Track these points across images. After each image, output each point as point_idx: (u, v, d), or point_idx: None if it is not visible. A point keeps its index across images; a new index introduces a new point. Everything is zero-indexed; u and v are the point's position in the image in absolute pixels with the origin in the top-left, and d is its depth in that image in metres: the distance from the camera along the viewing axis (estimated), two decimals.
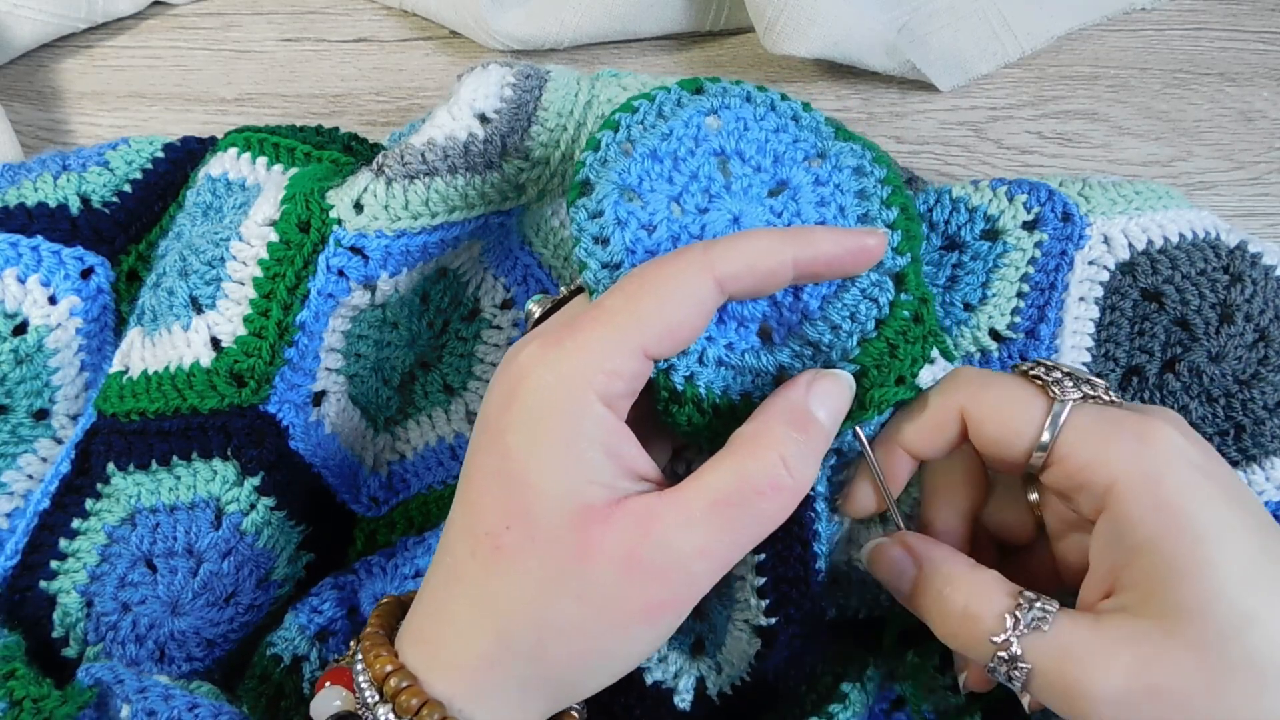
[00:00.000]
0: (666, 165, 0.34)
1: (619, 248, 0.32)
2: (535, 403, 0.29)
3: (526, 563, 0.29)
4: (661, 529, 0.29)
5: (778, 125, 0.35)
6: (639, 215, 0.33)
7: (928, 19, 0.57)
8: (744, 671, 0.36)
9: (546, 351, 0.30)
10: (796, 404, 0.31)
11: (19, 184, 0.46)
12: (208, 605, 0.39)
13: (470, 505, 0.31)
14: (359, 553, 0.43)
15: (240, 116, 0.56)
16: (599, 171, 0.34)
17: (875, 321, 0.34)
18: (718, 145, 0.34)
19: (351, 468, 0.44)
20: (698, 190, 0.33)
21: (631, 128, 0.35)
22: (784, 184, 0.34)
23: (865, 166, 0.35)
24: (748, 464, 0.30)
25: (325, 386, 0.42)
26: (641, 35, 0.58)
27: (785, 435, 0.30)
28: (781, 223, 0.34)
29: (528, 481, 0.29)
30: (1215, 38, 0.58)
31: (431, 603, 0.31)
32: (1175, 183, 0.54)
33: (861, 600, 0.40)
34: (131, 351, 0.41)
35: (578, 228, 0.33)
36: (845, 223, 0.34)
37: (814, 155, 0.35)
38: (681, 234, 0.33)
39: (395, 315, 0.43)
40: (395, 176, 0.39)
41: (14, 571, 0.40)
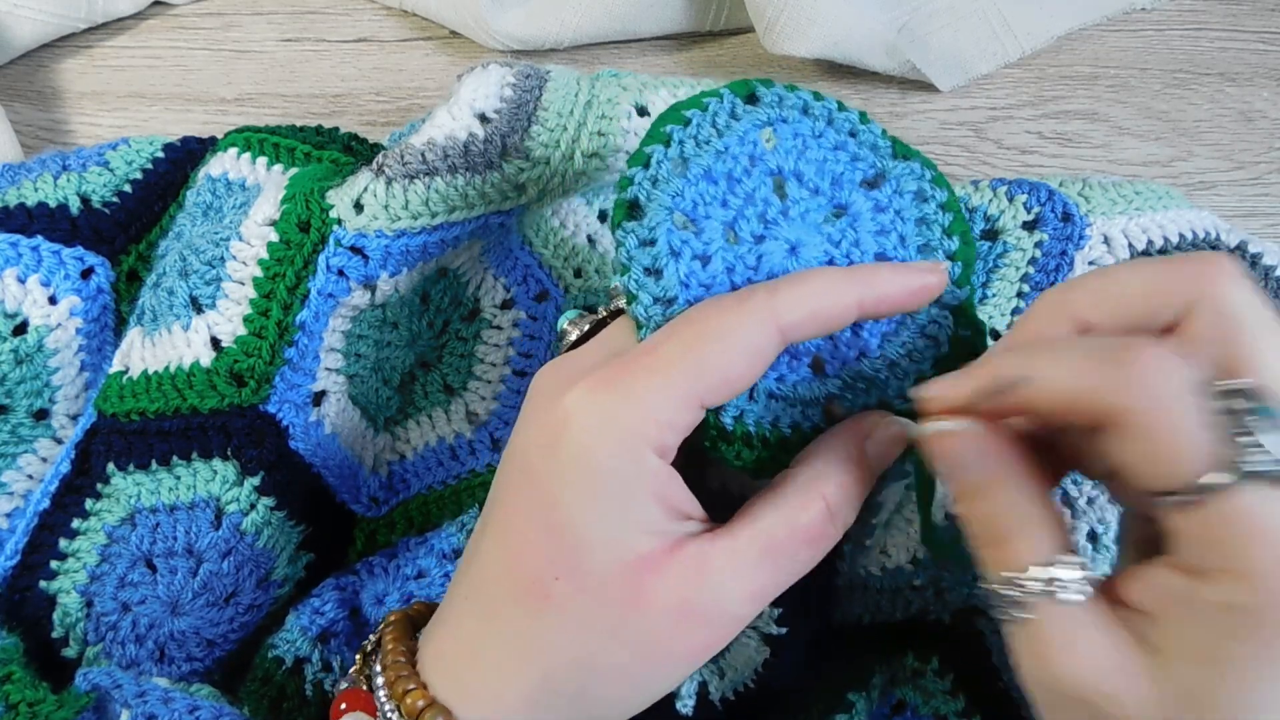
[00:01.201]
0: (721, 187, 0.32)
1: (673, 282, 0.30)
2: (587, 454, 0.28)
3: (577, 613, 0.29)
4: (715, 575, 0.29)
5: (836, 142, 0.33)
6: (693, 245, 0.31)
7: (928, 19, 0.57)
8: (748, 678, 0.36)
9: (597, 396, 0.28)
10: (854, 455, 0.31)
11: (19, 184, 0.46)
12: (207, 605, 0.39)
13: (512, 551, 0.30)
14: (359, 553, 0.43)
15: (240, 116, 0.56)
16: (649, 192, 0.31)
17: (933, 361, 0.32)
18: (774, 165, 0.32)
19: (351, 468, 0.44)
20: (754, 216, 0.32)
21: (685, 143, 0.32)
22: (842, 209, 0.33)
23: (926, 190, 0.33)
24: (798, 511, 0.30)
25: (325, 386, 0.42)
26: (641, 35, 0.58)
27: (836, 486, 0.30)
28: (840, 252, 0.32)
29: (579, 535, 0.28)
30: (1215, 38, 0.58)
31: (464, 638, 0.31)
32: (1175, 183, 0.54)
33: (865, 607, 0.40)
34: (131, 351, 0.41)
35: (627, 255, 0.31)
36: (905, 253, 0.33)
37: (873, 176, 0.33)
38: (737, 264, 0.31)
39: (395, 315, 0.43)
40: (395, 176, 0.39)
41: (14, 571, 0.40)
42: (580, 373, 0.29)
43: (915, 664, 0.39)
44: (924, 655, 0.40)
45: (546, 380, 0.30)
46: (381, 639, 0.32)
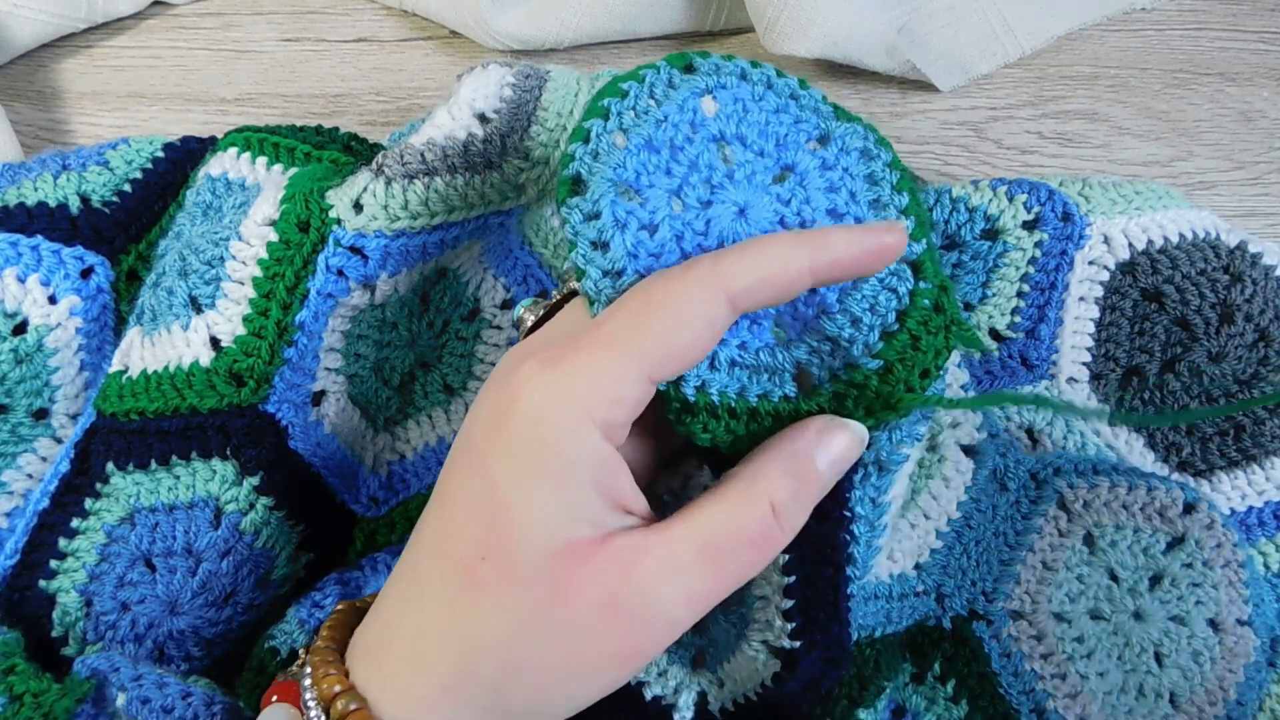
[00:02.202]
0: (664, 156, 0.31)
1: (620, 253, 0.30)
2: (528, 431, 0.27)
3: (500, 598, 0.27)
4: (646, 572, 0.28)
5: (778, 105, 0.33)
6: (638, 215, 0.30)
7: (928, 19, 0.57)
8: (751, 690, 0.35)
9: (543, 373, 0.28)
10: (800, 452, 0.30)
11: (19, 184, 0.47)
12: (206, 605, 0.39)
13: (445, 527, 0.29)
14: (359, 553, 0.43)
15: (240, 116, 0.56)
16: (591, 166, 0.31)
17: (896, 313, 0.32)
18: (716, 130, 0.32)
19: (351, 468, 0.44)
20: (699, 181, 0.31)
21: (623, 115, 0.32)
22: (789, 169, 0.32)
23: (871, 149, 0.33)
24: (740, 511, 0.29)
25: (325, 386, 0.42)
26: (641, 35, 0.58)
27: (781, 484, 0.29)
28: (790, 211, 0.32)
29: (511, 514, 0.27)
30: (1215, 38, 0.58)
31: (390, 621, 0.30)
32: (1175, 183, 0.54)
33: (877, 618, 0.40)
34: (131, 351, 0.41)
35: (572, 230, 0.31)
36: (857, 208, 0.32)
37: (817, 138, 0.33)
38: (685, 231, 0.31)
39: (395, 315, 0.43)
40: (395, 176, 0.39)
41: (14, 571, 0.40)
42: (529, 349, 0.29)
43: (915, 670, 0.39)
44: (924, 661, 0.40)
45: (501, 364, 0.30)
46: (320, 629, 0.32)
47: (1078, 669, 0.38)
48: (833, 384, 0.32)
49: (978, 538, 0.40)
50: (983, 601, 0.40)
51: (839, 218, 0.32)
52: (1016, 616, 0.39)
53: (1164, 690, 0.38)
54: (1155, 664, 0.38)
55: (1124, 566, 0.38)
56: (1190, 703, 0.38)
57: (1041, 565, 0.39)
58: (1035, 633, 0.39)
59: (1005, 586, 0.40)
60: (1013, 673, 0.39)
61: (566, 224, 0.31)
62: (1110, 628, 0.38)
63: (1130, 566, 0.38)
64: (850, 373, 0.31)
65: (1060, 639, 0.38)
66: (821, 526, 0.33)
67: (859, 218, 0.32)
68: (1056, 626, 0.39)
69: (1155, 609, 0.38)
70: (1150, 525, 0.38)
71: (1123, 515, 0.38)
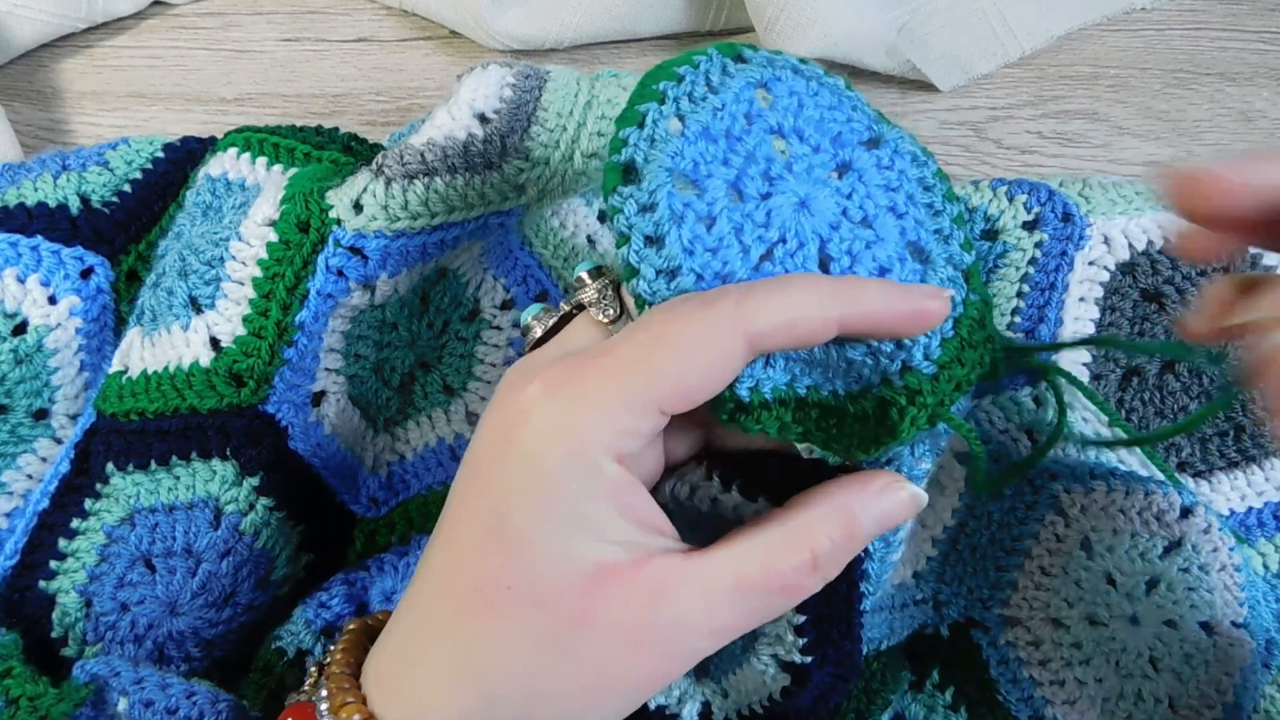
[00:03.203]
0: (721, 145, 0.30)
1: (676, 250, 0.28)
2: (537, 459, 0.27)
3: (523, 626, 0.27)
4: (679, 602, 0.27)
5: (831, 102, 0.31)
6: (696, 207, 0.29)
7: (928, 19, 0.57)
8: (757, 702, 0.35)
9: (552, 398, 0.27)
10: (855, 509, 0.29)
11: (19, 184, 0.47)
12: (206, 605, 0.39)
13: (460, 556, 0.28)
14: (359, 553, 0.43)
15: (240, 116, 0.56)
16: (647, 153, 0.29)
17: (952, 320, 0.30)
18: (774, 122, 0.30)
19: (351, 468, 0.44)
20: (757, 173, 0.30)
21: (679, 100, 0.30)
22: (846, 166, 0.31)
23: (920, 156, 0.32)
24: (780, 555, 0.28)
25: (325, 387, 0.42)
26: (641, 35, 0.58)
27: (827, 536, 0.28)
28: (853, 205, 0.30)
29: (530, 542, 0.27)
30: (1215, 38, 0.58)
31: (407, 650, 0.29)
32: None
33: (883, 631, 0.40)
34: (131, 351, 0.41)
35: (626, 222, 0.29)
36: (915, 210, 0.31)
37: (869, 139, 0.32)
38: (745, 224, 0.29)
39: (395, 316, 0.43)
40: (395, 176, 0.39)
41: (13, 571, 0.40)
42: (535, 370, 0.28)
43: (914, 678, 0.39)
44: (922, 669, 0.40)
45: (507, 380, 0.29)
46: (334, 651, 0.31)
47: (1075, 675, 0.38)
48: (882, 389, 0.30)
49: (973, 544, 0.40)
50: (979, 608, 0.40)
51: (900, 216, 0.31)
52: (1014, 623, 0.39)
53: (1162, 695, 0.38)
54: (1151, 669, 0.38)
55: (1121, 571, 0.38)
56: (1188, 706, 0.38)
57: (1039, 571, 0.39)
58: (1032, 639, 0.39)
59: (1002, 593, 0.40)
60: (1010, 679, 0.39)
61: (618, 214, 0.29)
62: (1108, 633, 0.38)
63: (1128, 571, 0.38)
64: (905, 377, 0.30)
65: (1058, 645, 0.38)
66: None
67: (919, 220, 0.31)
68: (1054, 633, 0.38)
69: (1150, 614, 0.38)
70: (1147, 530, 0.38)
71: (1120, 520, 0.38)
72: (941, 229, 0.31)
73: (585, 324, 0.31)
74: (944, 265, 0.31)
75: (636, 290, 0.29)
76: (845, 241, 0.30)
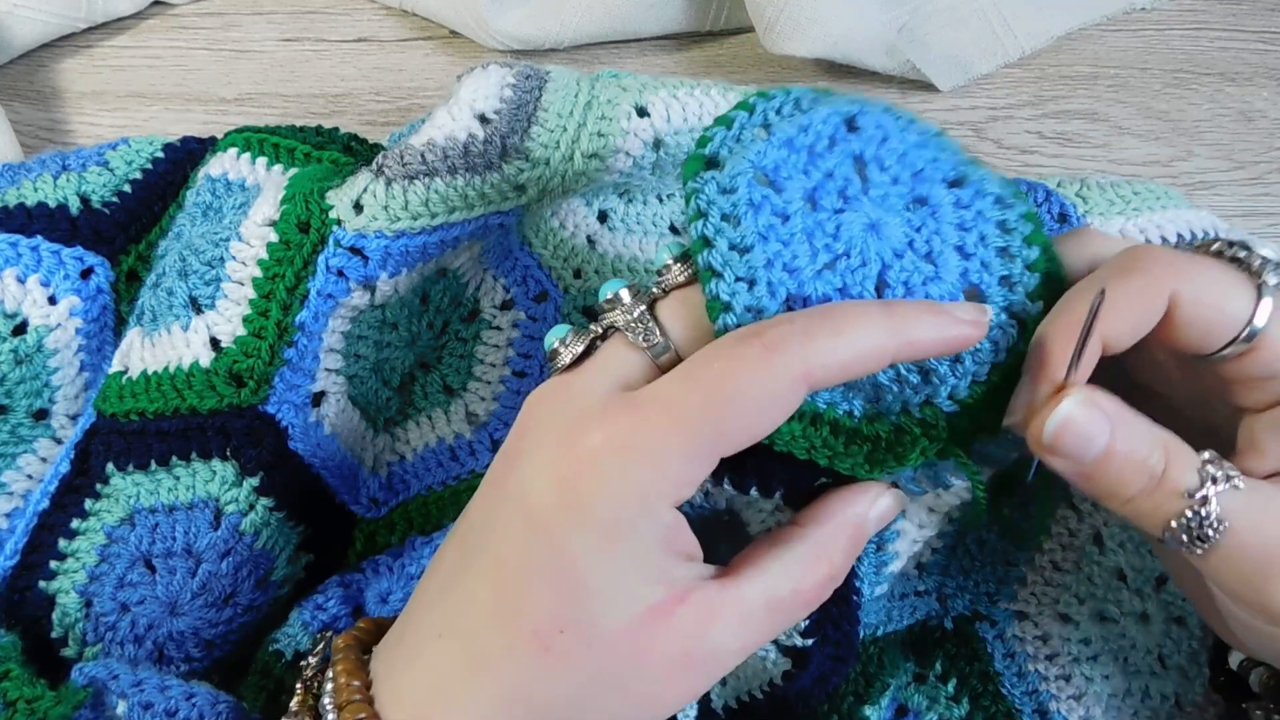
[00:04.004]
0: (803, 158, 0.31)
1: (751, 230, 0.29)
2: (604, 513, 0.27)
3: (576, 666, 0.28)
4: (721, 626, 0.28)
5: (919, 140, 0.32)
6: (773, 201, 0.30)
7: (928, 19, 0.57)
8: (757, 688, 0.35)
9: (617, 454, 0.27)
10: (860, 518, 0.31)
11: (19, 184, 0.47)
12: (206, 606, 0.39)
13: (509, 597, 0.28)
14: (359, 554, 0.43)
15: (240, 116, 0.57)
16: (732, 148, 0.31)
17: (991, 365, 0.31)
18: (857, 149, 0.32)
19: (351, 468, 0.44)
20: (833, 190, 0.31)
21: (768, 113, 0.32)
22: (923, 201, 0.32)
23: (1007, 198, 0.32)
24: (805, 573, 0.30)
25: (325, 387, 0.42)
26: (641, 35, 0.58)
27: (839, 553, 0.30)
28: (920, 239, 0.31)
29: (592, 589, 0.27)
30: (1215, 38, 0.58)
31: (443, 681, 0.29)
32: (1175, 183, 0.54)
33: (879, 617, 0.40)
34: (131, 352, 0.41)
35: (705, 201, 0.30)
36: (985, 252, 0.31)
37: (953, 178, 0.32)
38: (816, 230, 0.30)
39: (395, 316, 0.43)
40: (395, 177, 0.39)
41: (13, 571, 0.40)
42: (588, 413, 0.28)
43: (917, 669, 0.39)
44: (926, 661, 0.40)
45: (544, 410, 0.30)
46: (333, 671, 0.30)
47: (1083, 671, 0.38)
48: (900, 416, 0.31)
49: (981, 538, 0.40)
50: (986, 602, 0.40)
51: (967, 257, 0.31)
52: (1021, 617, 0.39)
53: (1169, 692, 0.38)
54: (1159, 666, 0.38)
55: (1132, 567, 0.38)
56: (1193, 704, 0.38)
57: (1051, 566, 0.39)
58: (1040, 634, 0.39)
59: (1009, 588, 0.40)
60: (1016, 673, 0.39)
61: (698, 194, 0.30)
62: (1118, 630, 0.38)
63: (1139, 567, 0.38)
64: (924, 410, 0.31)
65: (1066, 641, 0.38)
66: None
67: (985, 261, 0.31)
68: (1062, 628, 0.39)
69: (1159, 611, 0.38)
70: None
71: None
72: (1010, 274, 0.31)
73: (625, 349, 0.30)
74: (996, 311, 0.31)
75: (708, 259, 0.29)
76: (905, 272, 0.31)
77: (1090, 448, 0.29)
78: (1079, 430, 0.29)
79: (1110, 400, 0.29)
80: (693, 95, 0.44)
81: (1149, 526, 0.30)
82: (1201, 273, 0.30)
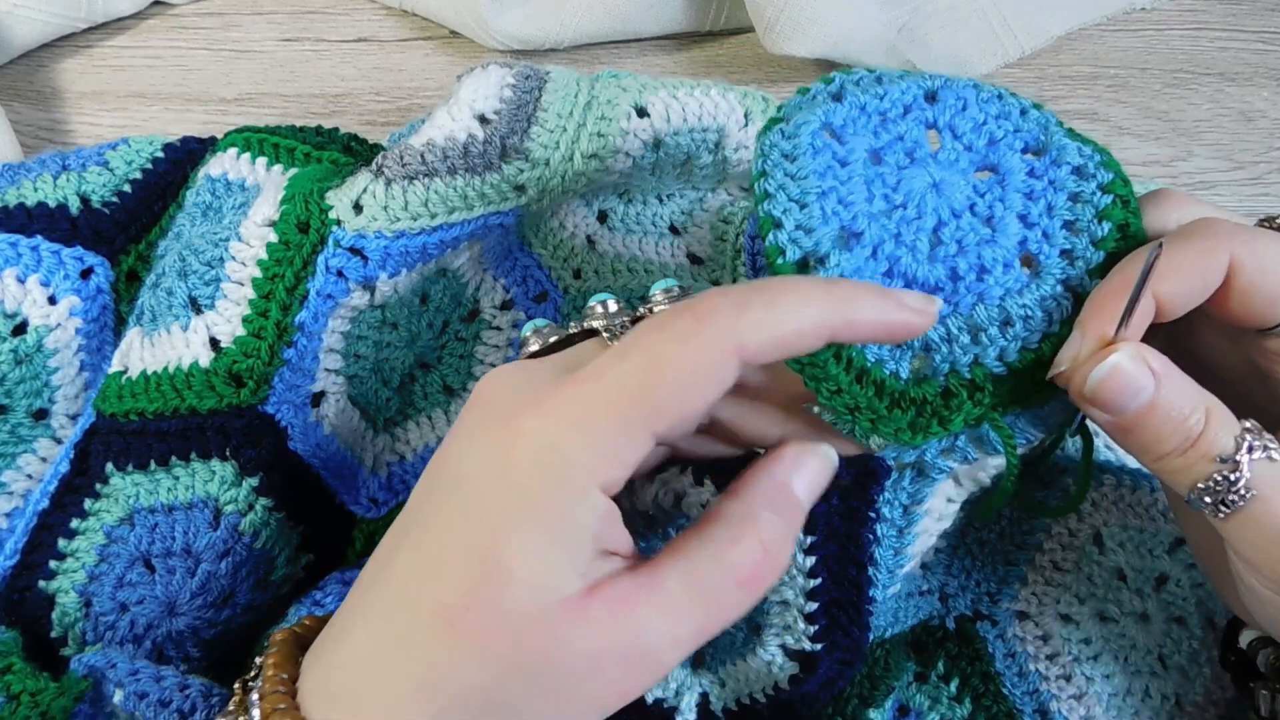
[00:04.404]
0: (874, 120, 0.32)
1: (808, 168, 0.30)
2: (530, 484, 0.26)
3: (484, 649, 0.26)
4: (636, 620, 0.27)
5: (1000, 111, 0.32)
6: (835, 149, 0.31)
7: (928, 19, 0.57)
8: (760, 691, 0.35)
9: (547, 424, 0.27)
10: (781, 484, 0.29)
11: (19, 184, 0.47)
12: (205, 606, 0.39)
13: (427, 568, 0.27)
14: (359, 553, 0.43)
15: (240, 116, 0.57)
16: (802, 103, 0.32)
17: (1041, 335, 0.31)
18: (931, 117, 0.32)
19: (351, 468, 0.44)
20: (901, 150, 0.32)
21: (845, 84, 0.33)
22: (993, 168, 0.32)
23: (1089, 168, 0.32)
24: (729, 551, 0.28)
25: (324, 387, 0.42)
26: (641, 35, 0.59)
27: (767, 520, 0.28)
28: (983, 203, 0.31)
29: (506, 567, 0.26)
30: (1215, 38, 0.58)
31: (357, 665, 0.28)
32: (1175, 183, 0.54)
33: (887, 619, 0.40)
34: (130, 352, 0.41)
35: (769, 144, 0.31)
36: (1049, 222, 0.31)
37: (1034, 148, 0.32)
38: (875, 180, 0.31)
39: (395, 316, 0.43)
40: (394, 177, 0.39)
41: (13, 571, 0.40)
42: (530, 389, 0.28)
43: (919, 669, 0.39)
44: (927, 660, 0.40)
45: (495, 389, 0.29)
46: (263, 665, 0.29)
47: (1083, 671, 0.38)
48: (948, 378, 0.31)
49: (981, 538, 0.40)
50: (987, 602, 0.40)
51: (1030, 226, 0.31)
52: (1022, 617, 0.39)
53: (1169, 692, 0.38)
54: (1160, 666, 0.38)
55: (1132, 567, 0.38)
56: (1193, 704, 0.38)
57: (1051, 566, 0.39)
58: (1041, 634, 0.39)
59: (1010, 588, 0.40)
60: (1017, 673, 0.39)
61: (761, 139, 0.31)
62: (1118, 630, 0.38)
63: (1138, 567, 0.38)
64: (973, 370, 0.30)
65: (1066, 640, 0.38)
66: (848, 526, 0.33)
67: (1048, 232, 0.31)
68: (1063, 628, 0.39)
69: (1159, 611, 0.38)
70: (1154, 525, 0.38)
71: (1130, 515, 0.38)
72: (1074, 249, 0.31)
73: (593, 348, 0.30)
74: (1053, 283, 0.31)
75: (764, 189, 0.31)
76: (961, 231, 0.31)
77: (1133, 401, 0.29)
78: (1124, 382, 0.29)
79: (1158, 358, 0.29)
80: (692, 95, 0.44)
81: (1177, 485, 0.29)
82: (1267, 244, 0.29)
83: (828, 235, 0.30)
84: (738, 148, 0.46)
